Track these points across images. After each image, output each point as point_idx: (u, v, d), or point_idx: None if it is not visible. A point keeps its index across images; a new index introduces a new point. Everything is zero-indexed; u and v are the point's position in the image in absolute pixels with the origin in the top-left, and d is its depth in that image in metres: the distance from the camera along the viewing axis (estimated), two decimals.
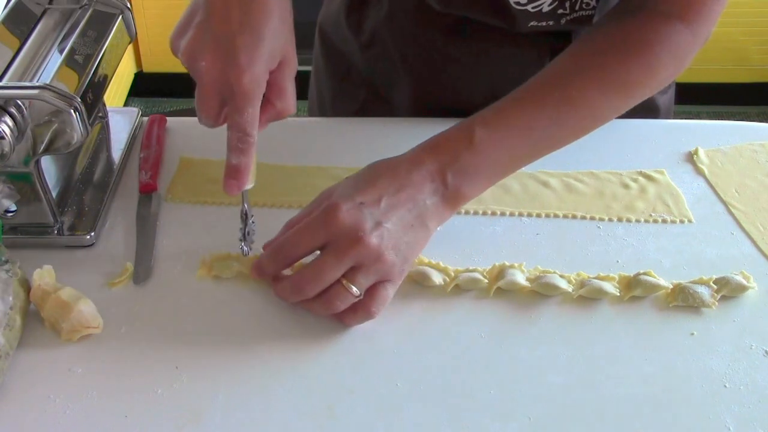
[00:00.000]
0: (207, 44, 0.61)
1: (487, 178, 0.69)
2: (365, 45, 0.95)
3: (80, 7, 0.79)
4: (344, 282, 0.63)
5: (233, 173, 0.65)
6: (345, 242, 0.62)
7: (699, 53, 0.73)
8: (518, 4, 0.80)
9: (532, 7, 0.81)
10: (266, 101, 0.65)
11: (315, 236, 0.64)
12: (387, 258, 0.63)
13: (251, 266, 0.68)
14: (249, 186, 0.66)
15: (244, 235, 0.70)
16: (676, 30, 0.71)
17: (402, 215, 0.65)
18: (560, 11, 0.82)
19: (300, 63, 1.06)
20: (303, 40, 1.04)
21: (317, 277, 0.63)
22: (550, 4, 0.80)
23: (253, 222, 0.70)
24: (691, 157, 0.86)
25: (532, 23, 0.83)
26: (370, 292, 0.64)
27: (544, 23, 0.83)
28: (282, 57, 0.64)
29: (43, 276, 0.66)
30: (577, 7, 0.82)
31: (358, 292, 0.63)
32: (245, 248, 0.70)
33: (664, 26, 0.71)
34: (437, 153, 0.67)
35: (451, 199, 0.67)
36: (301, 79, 1.16)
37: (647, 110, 0.94)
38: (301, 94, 1.10)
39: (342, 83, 1.00)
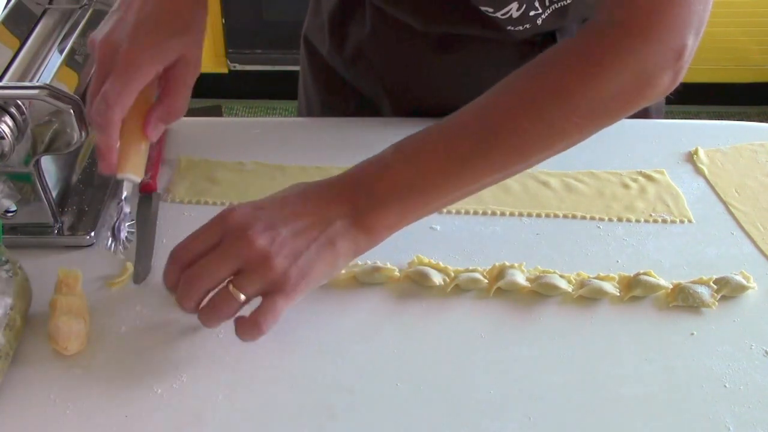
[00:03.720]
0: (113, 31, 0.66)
1: (402, 207, 0.63)
2: (349, 61, 0.94)
3: (80, 7, 0.79)
4: (230, 287, 0.59)
5: (97, 151, 0.65)
6: (231, 240, 0.59)
7: (699, 53, 0.70)
8: (488, 12, 0.80)
9: (502, 15, 0.80)
10: (159, 99, 0.68)
11: (207, 238, 0.60)
12: (276, 263, 0.58)
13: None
14: (129, 175, 0.65)
15: (113, 230, 0.68)
16: (626, 41, 0.62)
17: (305, 225, 0.60)
18: (532, 13, 0.80)
19: (289, 63, 1.05)
20: (290, 40, 1.03)
21: (200, 275, 0.59)
22: (518, 9, 0.79)
23: (125, 216, 0.68)
24: (691, 157, 0.86)
25: (509, 28, 0.82)
26: (261, 303, 0.60)
27: (521, 27, 0.82)
28: (180, 55, 0.66)
29: (68, 275, 0.67)
30: (547, 2, 0.80)
31: (243, 298, 0.59)
32: (110, 244, 0.68)
33: (619, 39, 0.62)
34: (349, 176, 0.64)
35: (365, 225, 0.62)
36: (292, 80, 1.16)
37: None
38: (292, 94, 1.09)
39: (330, 96, 0.99)
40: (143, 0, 0.68)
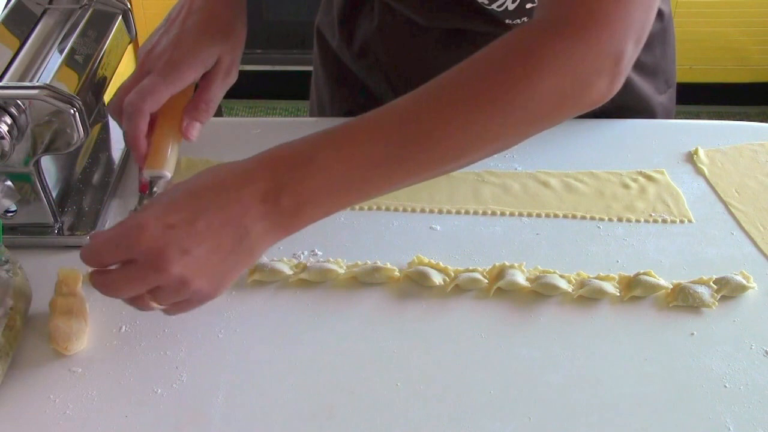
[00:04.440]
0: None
1: (330, 202, 0.61)
2: (357, 55, 0.95)
3: (80, 7, 0.79)
4: (147, 296, 0.59)
5: (127, 143, 0.70)
6: (146, 267, 0.57)
7: (699, 53, 0.70)
8: (484, 5, 0.80)
9: (497, 7, 0.80)
10: (193, 100, 0.73)
11: (115, 254, 0.58)
12: (193, 285, 0.58)
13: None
14: (163, 172, 0.69)
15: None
16: (562, 41, 0.60)
17: (220, 240, 0.58)
18: (529, 5, 0.80)
19: (301, 63, 1.06)
20: (304, 40, 1.03)
21: (117, 289, 0.59)
22: (513, 1, 0.79)
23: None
24: (691, 157, 0.86)
25: (508, 21, 0.82)
26: (181, 303, 0.61)
27: (518, 21, 0.82)
28: (218, 58, 0.73)
29: (68, 275, 0.67)
30: None
31: (161, 307, 0.60)
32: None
33: (557, 41, 0.60)
34: (274, 169, 0.59)
35: (286, 223, 0.60)
36: (303, 80, 1.16)
37: (641, 112, 0.93)
38: (292, 94, 1.09)
39: (339, 88, 1.00)
40: (186, 14, 0.73)
